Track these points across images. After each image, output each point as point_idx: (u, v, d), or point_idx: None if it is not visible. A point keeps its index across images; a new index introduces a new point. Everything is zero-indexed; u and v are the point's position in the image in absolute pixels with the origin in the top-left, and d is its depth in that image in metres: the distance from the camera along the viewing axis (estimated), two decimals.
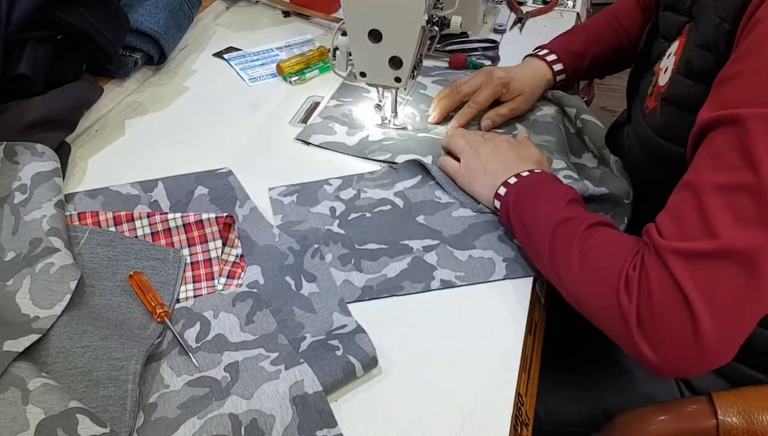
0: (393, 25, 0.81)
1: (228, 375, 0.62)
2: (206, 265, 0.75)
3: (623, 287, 0.58)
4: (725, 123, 0.56)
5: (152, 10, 1.08)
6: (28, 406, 0.54)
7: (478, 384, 0.63)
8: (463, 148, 0.86)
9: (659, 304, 0.55)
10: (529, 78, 0.98)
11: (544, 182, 0.75)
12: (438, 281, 0.72)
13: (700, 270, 0.54)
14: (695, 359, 0.55)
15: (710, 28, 0.65)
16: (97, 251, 0.72)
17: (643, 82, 0.85)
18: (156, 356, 0.64)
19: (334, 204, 0.82)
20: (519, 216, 0.73)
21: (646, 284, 0.56)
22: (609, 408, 0.83)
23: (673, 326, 0.55)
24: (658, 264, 0.56)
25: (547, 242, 0.68)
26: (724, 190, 0.54)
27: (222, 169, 0.85)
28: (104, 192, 0.82)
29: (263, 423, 0.57)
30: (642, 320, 0.56)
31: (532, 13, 1.32)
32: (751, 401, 0.69)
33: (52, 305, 0.64)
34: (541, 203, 0.71)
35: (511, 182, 0.77)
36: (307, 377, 0.60)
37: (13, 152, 0.79)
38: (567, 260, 0.65)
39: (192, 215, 0.76)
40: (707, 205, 0.55)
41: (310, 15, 1.30)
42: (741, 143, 0.54)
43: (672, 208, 0.59)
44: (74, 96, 0.92)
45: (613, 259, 0.60)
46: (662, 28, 0.82)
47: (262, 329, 0.67)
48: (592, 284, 0.62)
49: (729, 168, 0.54)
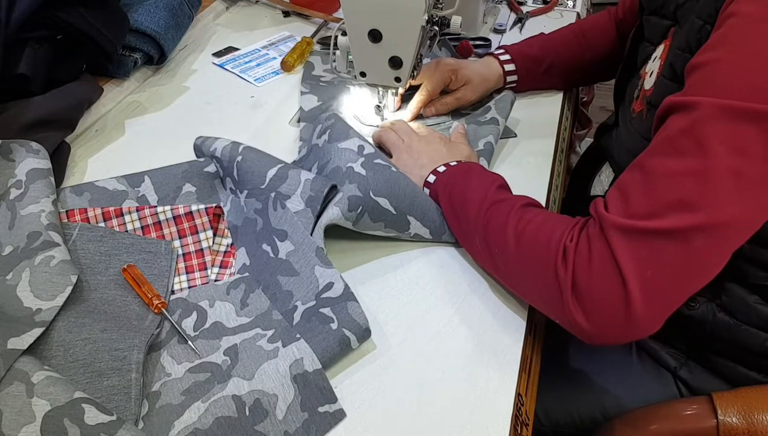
0: (393, 25, 0.80)
1: (228, 358, 0.63)
2: (198, 255, 0.76)
3: (560, 258, 0.60)
4: (682, 109, 0.57)
5: (152, 9, 1.08)
6: (33, 398, 0.55)
7: (478, 384, 0.63)
8: (395, 142, 0.86)
9: (596, 274, 0.57)
10: (478, 70, 1.00)
11: (472, 169, 0.77)
12: (411, 233, 0.76)
13: (639, 247, 0.56)
14: (624, 329, 0.58)
15: (693, 31, 0.66)
16: (88, 247, 0.73)
17: (630, 86, 0.85)
18: (155, 346, 0.65)
19: (363, 143, 0.80)
20: (449, 200, 0.75)
21: (586, 254, 0.58)
22: (608, 409, 0.83)
23: (606, 296, 0.57)
24: (600, 237, 0.58)
25: (481, 224, 0.69)
26: (671, 174, 0.56)
27: (209, 169, 0.85)
28: (90, 188, 0.81)
29: (266, 402, 0.59)
30: (577, 289, 0.58)
31: (532, 13, 1.33)
32: (751, 401, 0.69)
33: (54, 296, 0.64)
34: (471, 188, 0.73)
35: (440, 170, 0.79)
36: (306, 355, 0.61)
37: (8, 150, 0.79)
38: (502, 239, 0.66)
39: (182, 207, 0.77)
40: (654, 186, 0.57)
41: (310, 15, 1.30)
42: (692, 129, 0.56)
43: (621, 185, 0.60)
44: (74, 96, 0.92)
45: (552, 233, 0.62)
46: (647, 32, 0.82)
47: (257, 309, 0.68)
48: (529, 259, 0.64)
49: (679, 152, 0.56)
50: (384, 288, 0.72)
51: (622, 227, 0.57)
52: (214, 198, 0.82)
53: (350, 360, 0.65)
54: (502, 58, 1.02)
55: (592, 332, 0.59)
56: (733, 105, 0.54)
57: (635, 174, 0.60)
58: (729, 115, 0.54)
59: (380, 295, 0.71)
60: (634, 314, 0.56)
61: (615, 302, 0.57)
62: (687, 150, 0.56)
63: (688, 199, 0.55)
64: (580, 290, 0.58)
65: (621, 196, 0.59)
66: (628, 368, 0.86)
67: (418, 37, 0.81)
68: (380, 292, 0.72)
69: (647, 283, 0.56)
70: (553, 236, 0.62)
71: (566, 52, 1.04)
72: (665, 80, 0.71)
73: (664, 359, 0.83)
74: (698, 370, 0.81)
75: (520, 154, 0.93)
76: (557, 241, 0.61)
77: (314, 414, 0.59)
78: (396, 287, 0.73)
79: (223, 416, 0.58)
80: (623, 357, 0.86)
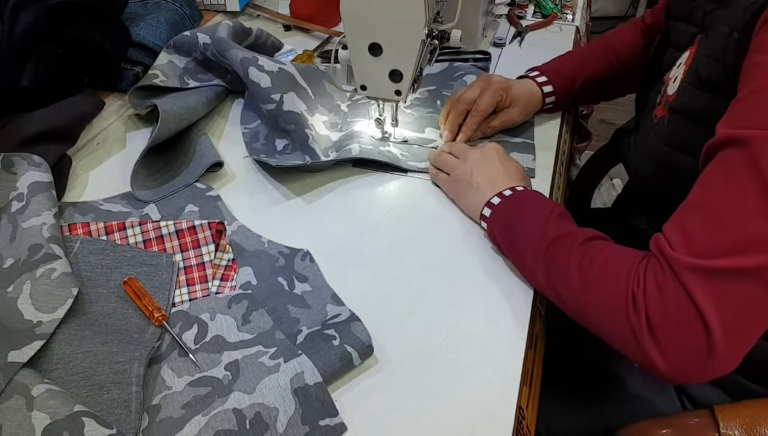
0: (393, 38, 0.81)
1: (229, 373, 0.63)
2: (200, 268, 0.76)
3: (631, 306, 0.59)
4: (734, 143, 0.57)
5: (154, 23, 1.08)
6: (33, 412, 0.55)
7: (479, 397, 0.62)
8: (449, 161, 0.87)
9: (673, 317, 0.56)
10: (524, 90, 0.99)
11: (528, 200, 0.76)
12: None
13: (715, 286, 0.55)
14: (705, 369, 0.57)
15: (720, 38, 0.65)
16: (89, 259, 0.73)
17: (653, 92, 0.85)
18: (156, 359, 0.65)
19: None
20: (507, 238, 0.74)
21: (657, 297, 0.57)
22: (610, 422, 0.82)
23: (687, 339, 0.56)
24: (671, 277, 0.57)
25: (541, 263, 0.68)
26: (738, 211, 0.55)
27: (211, 193, 0.86)
28: (94, 210, 0.82)
29: (267, 416, 0.59)
30: (654, 333, 0.57)
31: (532, 27, 1.33)
32: (753, 414, 0.69)
33: (54, 308, 0.64)
34: (528, 223, 0.72)
35: (494, 203, 0.77)
36: (306, 369, 0.61)
37: (10, 163, 0.80)
38: (566, 279, 0.65)
39: (184, 222, 0.77)
40: (722, 224, 0.56)
41: (311, 29, 1.30)
42: (751, 164, 0.55)
43: (683, 222, 0.59)
44: (75, 109, 0.92)
45: (617, 277, 0.61)
46: (674, 38, 0.82)
47: (259, 327, 0.68)
48: (598, 305, 0.62)
49: (743, 189, 0.55)
50: (384, 301, 0.72)
51: (694, 267, 0.56)
52: (216, 217, 0.82)
53: (351, 374, 0.65)
54: (539, 80, 1.00)
55: (672, 373, 0.58)
56: None
57: (698, 212, 0.59)
58: None
59: (380, 308, 0.71)
60: (717, 353, 0.55)
61: (696, 343, 0.55)
62: (750, 186, 0.55)
63: (760, 238, 0.54)
64: (657, 334, 0.57)
65: (685, 234, 0.58)
66: (629, 379, 0.85)
67: (418, 50, 0.82)
68: (380, 305, 0.72)
69: (728, 322, 0.55)
70: (619, 279, 0.61)
71: (597, 68, 1.03)
72: (689, 86, 0.71)
73: None
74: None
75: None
76: (624, 287, 0.60)
77: (315, 428, 0.59)
78: (396, 300, 0.73)
79: (224, 430, 0.57)
80: (624, 368, 0.86)
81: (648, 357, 0.58)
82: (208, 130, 0.99)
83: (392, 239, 0.81)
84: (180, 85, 1.01)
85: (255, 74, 0.93)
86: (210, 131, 0.99)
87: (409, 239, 0.80)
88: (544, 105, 1.02)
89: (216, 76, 1.05)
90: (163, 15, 1.11)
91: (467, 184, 0.82)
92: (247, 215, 0.83)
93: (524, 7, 1.42)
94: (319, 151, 0.90)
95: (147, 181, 0.88)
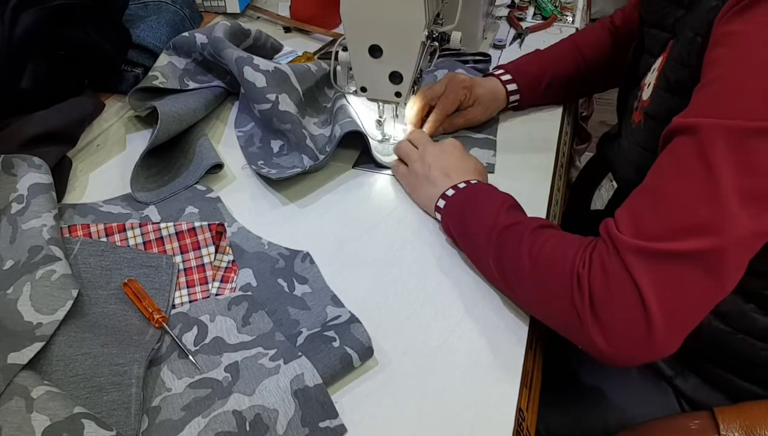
0: (393, 40, 0.81)
1: (229, 375, 0.63)
2: (199, 270, 0.76)
3: (576, 286, 0.60)
4: (687, 131, 0.58)
5: (154, 25, 1.09)
6: (33, 414, 0.55)
7: (479, 399, 0.62)
8: (409, 152, 0.87)
9: (615, 297, 0.58)
10: (488, 90, 1.00)
11: (481, 192, 0.77)
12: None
13: (656, 268, 0.57)
14: (645, 349, 0.58)
15: (686, 43, 0.67)
16: (89, 261, 0.73)
17: (631, 97, 0.86)
18: (156, 360, 0.65)
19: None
20: (461, 228, 0.75)
21: (601, 278, 0.59)
22: (610, 424, 0.83)
23: (627, 319, 0.57)
24: (615, 258, 0.59)
25: (492, 251, 0.70)
26: (683, 197, 0.57)
27: (211, 195, 0.87)
28: (94, 212, 0.82)
29: (267, 417, 0.59)
30: (596, 312, 0.59)
31: (532, 28, 1.33)
32: (753, 416, 0.69)
33: (54, 310, 0.64)
34: (481, 213, 0.73)
35: (449, 194, 0.79)
36: (306, 371, 0.61)
37: (10, 165, 0.80)
38: (516, 265, 0.67)
39: (185, 224, 0.77)
40: (667, 209, 0.58)
41: (311, 30, 1.30)
42: (699, 151, 0.56)
43: (633, 207, 0.61)
44: (76, 111, 0.92)
45: (564, 259, 0.63)
46: (648, 45, 0.83)
47: (259, 329, 0.68)
48: (545, 287, 0.64)
49: (689, 176, 0.57)
50: (384, 303, 0.72)
51: (638, 248, 0.57)
52: (216, 218, 0.83)
53: (351, 375, 0.65)
54: (503, 78, 1.01)
55: (612, 353, 0.59)
56: (737, 125, 0.54)
57: (646, 196, 0.60)
58: (733, 135, 0.55)
59: (380, 310, 0.71)
60: (655, 335, 0.56)
61: (636, 323, 0.57)
62: (696, 173, 0.56)
63: (702, 224, 0.55)
64: (599, 313, 0.58)
65: (633, 218, 0.60)
66: (628, 380, 0.85)
67: (418, 52, 0.82)
68: (380, 307, 0.72)
69: (667, 303, 0.56)
70: (566, 262, 0.62)
71: (563, 67, 1.04)
72: (660, 91, 0.72)
73: (661, 367, 0.83)
74: (696, 381, 0.81)
75: (520, 168, 0.93)
76: (570, 268, 0.61)
77: (315, 429, 0.59)
78: (396, 301, 0.73)
79: (224, 432, 0.57)
80: (624, 373, 0.86)
81: (590, 337, 0.59)
82: (208, 132, 0.99)
83: (392, 240, 0.81)
84: (180, 87, 1.01)
85: (250, 73, 0.93)
86: (209, 134, 0.99)
87: (409, 240, 0.80)
88: (509, 103, 1.02)
89: (215, 77, 1.05)
90: (163, 17, 1.11)
91: (424, 178, 0.83)
92: (247, 217, 0.83)
93: (524, 8, 1.42)
94: (316, 151, 0.91)
95: (147, 182, 0.88)
